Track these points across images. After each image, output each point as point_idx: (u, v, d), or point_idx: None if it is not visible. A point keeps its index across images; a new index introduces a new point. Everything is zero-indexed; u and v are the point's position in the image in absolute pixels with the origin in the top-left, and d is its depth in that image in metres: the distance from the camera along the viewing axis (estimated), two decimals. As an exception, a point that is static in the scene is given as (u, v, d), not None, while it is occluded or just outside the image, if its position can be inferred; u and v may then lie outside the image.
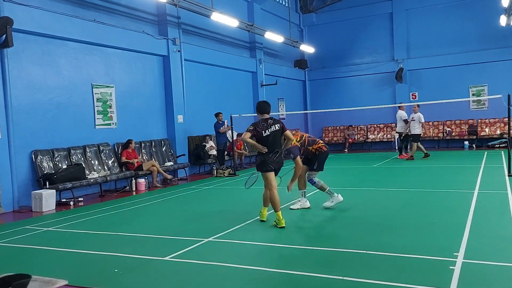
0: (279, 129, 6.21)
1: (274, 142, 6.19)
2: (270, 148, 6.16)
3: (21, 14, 8.92)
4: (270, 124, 6.17)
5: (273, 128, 6.16)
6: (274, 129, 6.16)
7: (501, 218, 5.96)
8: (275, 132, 6.17)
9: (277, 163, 6.26)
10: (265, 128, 6.14)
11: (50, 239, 6.24)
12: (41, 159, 9.40)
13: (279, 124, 6.25)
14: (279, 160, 6.27)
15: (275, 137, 6.18)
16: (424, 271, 4.05)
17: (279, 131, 6.23)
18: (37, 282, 2.76)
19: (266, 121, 6.20)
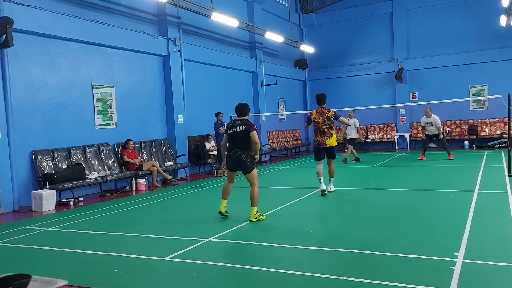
0: (243, 130, 6.54)
1: (234, 142, 6.57)
2: (231, 146, 6.62)
3: (21, 14, 8.92)
4: (237, 124, 6.60)
5: (237, 129, 6.56)
6: (237, 130, 6.56)
7: (501, 218, 5.96)
8: (237, 132, 6.55)
9: (233, 161, 6.61)
10: (231, 127, 6.66)
11: (50, 239, 6.24)
12: (41, 159, 9.40)
13: (245, 126, 6.57)
14: (237, 159, 6.56)
15: (235, 137, 6.56)
16: (424, 271, 4.05)
17: (242, 132, 6.54)
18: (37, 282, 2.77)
19: (234, 122, 6.70)
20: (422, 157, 13.95)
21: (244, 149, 6.54)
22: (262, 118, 17.60)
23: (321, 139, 8.54)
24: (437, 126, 13.60)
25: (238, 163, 6.59)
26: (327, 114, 8.59)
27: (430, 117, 13.68)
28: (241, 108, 6.80)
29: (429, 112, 13.72)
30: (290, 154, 19.61)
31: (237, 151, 6.52)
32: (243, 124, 6.59)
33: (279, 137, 19.43)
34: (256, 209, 6.55)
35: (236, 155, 6.53)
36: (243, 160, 6.53)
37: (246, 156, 6.54)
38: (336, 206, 7.52)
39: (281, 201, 8.04)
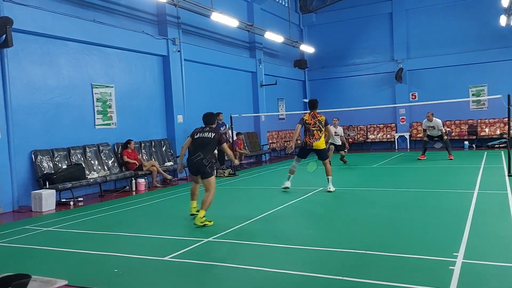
0: (211, 138, 6.76)
1: (199, 147, 6.73)
2: (194, 150, 6.77)
3: (21, 14, 8.92)
4: (206, 131, 6.85)
5: (205, 135, 6.80)
6: (205, 136, 6.79)
7: (501, 218, 5.96)
8: (205, 138, 6.77)
9: (194, 164, 6.71)
10: (198, 132, 6.89)
11: (50, 239, 6.23)
12: (41, 159, 9.40)
13: (215, 134, 6.81)
14: (198, 163, 6.64)
15: (202, 142, 6.75)
16: (424, 271, 4.05)
17: (209, 139, 6.75)
18: (37, 282, 2.77)
19: (203, 128, 6.92)
20: (422, 157, 13.94)
21: (207, 154, 6.66)
22: (262, 118, 17.60)
23: (309, 140, 9.03)
24: (440, 129, 13.64)
25: (199, 167, 6.66)
26: (319, 118, 9.09)
27: (432, 121, 13.72)
28: (208, 118, 7.05)
29: (431, 116, 13.76)
30: (290, 154, 19.59)
31: (200, 155, 6.63)
32: (212, 132, 6.83)
33: (279, 137, 19.43)
34: (204, 213, 6.43)
35: (198, 159, 6.62)
36: (204, 165, 6.62)
37: (208, 161, 6.64)
38: (336, 206, 7.52)
39: (281, 201, 8.04)
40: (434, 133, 13.83)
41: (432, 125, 13.75)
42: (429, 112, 13.93)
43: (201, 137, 6.79)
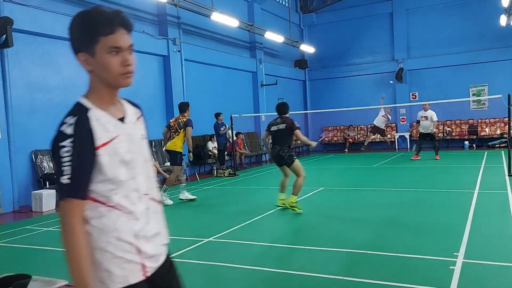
0: (283, 128, 7.00)
1: (275, 139, 7.11)
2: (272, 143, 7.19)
3: (21, 14, 8.92)
4: (278, 122, 7.11)
5: (279, 126, 7.06)
6: (279, 128, 7.06)
7: (501, 218, 5.96)
8: (278, 130, 7.06)
9: (274, 157, 7.17)
10: (273, 124, 7.19)
11: (50, 239, 6.23)
12: (41, 159, 9.40)
13: (287, 124, 7.03)
14: (276, 155, 7.07)
15: (277, 134, 7.08)
16: (424, 271, 4.05)
17: (282, 130, 7.01)
18: (37, 282, 2.77)
19: (276, 120, 7.21)
20: (415, 157, 13.96)
21: (282, 145, 6.97)
22: (262, 118, 17.59)
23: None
24: (434, 120, 13.68)
25: (279, 159, 7.06)
26: (179, 120, 8.80)
27: (427, 110, 13.82)
28: (280, 107, 7.29)
29: (427, 106, 13.94)
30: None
31: (276, 147, 7.00)
32: (283, 122, 7.06)
33: (279, 137, 19.39)
34: (295, 198, 6.88)
35: (276, 151, 7.01)
36: (281, 156, 6.97)
37: (283, 152, 6.94)
38: (336, 207, 7.52)
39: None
40: (427, 126, 13.79)
41: (426, 114, 13.82)
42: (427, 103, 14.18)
43: (276, 129, 7.10)
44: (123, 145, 1.60)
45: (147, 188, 1.69)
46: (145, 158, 1.71)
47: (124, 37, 1.65)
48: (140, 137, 1.71)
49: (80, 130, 1.51)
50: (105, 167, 1.54)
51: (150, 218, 1.67)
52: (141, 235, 1.62)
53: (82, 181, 1.50)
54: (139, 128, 1.75)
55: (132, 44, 1.69)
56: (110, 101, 1.69)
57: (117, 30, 1.62)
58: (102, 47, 1.59)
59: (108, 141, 1.56)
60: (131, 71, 1.67)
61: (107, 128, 1.59)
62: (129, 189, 1.61)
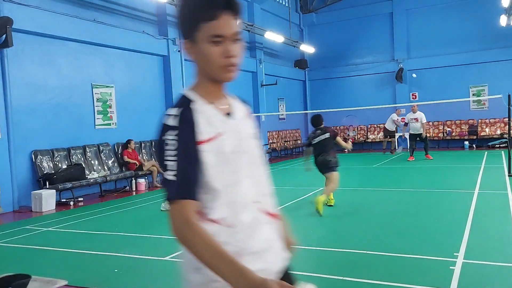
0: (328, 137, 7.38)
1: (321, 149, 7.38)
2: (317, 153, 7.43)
3: (21, 14, 8.92)
4: (318, 134, 7.45)
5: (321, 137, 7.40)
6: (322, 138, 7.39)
7: (501, 218, 5.96)
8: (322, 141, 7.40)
9: (321, 164, 7.37)
10: (313, 137, 7.52)
11: (50, 239, 6.24)
12: (41, 159, 9.40)
13: (329, 133, 7.42)
14: (324, 161, 7.30)
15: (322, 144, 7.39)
16: (424, 271, 4.05)
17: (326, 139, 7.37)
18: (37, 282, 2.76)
19: (315, 133, 7.54)
20: (410, 158, 13.98)
21: (329, 152, 7.33)
22: (262, 118, 17.59)
23: None
24: (423, 122, 13.79)
25: (327, 165, 7.29)
26: None
27: (416, 112, 13.93)
28: (315, 120, 7.65)
29: (416, 108, 14.10)
30: (290, 154, 19.62)
31: (323, 155, 7.31)
32: (325, 132, 7.43)
33: (279, 137, 19.43)
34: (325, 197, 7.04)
35: (324, 159, 7.29)
36: (329, 161, 7.27)
37: (331, 157, 7.28)
38: (335, 207, 7.51)
39: (281, 201, 8.03)
40: (417, 126, 13.85)
41: (415, 116, 13.94)
42: (415, 104, 14.33)
43: (319, 140, 7.39)
44: (229, 143, 1.40)
45: (256, 195, 1.45)
46: (253, 160, 1.48)
47: (228, 23, 1.38)
48: (249, 136, 1.51)
49: (183, 122, 1.35)
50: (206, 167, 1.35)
51: (258, 231, 1.42)
52: (245, 252, 1.37)
53: (190, 178, 1.32)
54: (248, 125, 1.54)
55: (238, 32, 1.42)
56: (216, 94, 1.48)
57: (220, 15, 1.36)
58: (203, 35, 1.37)
59: (212, 137, 1.38)
60: (233, 64, 1.42)
61: (213, 122, 1.40)
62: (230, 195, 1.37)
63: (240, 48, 1.42)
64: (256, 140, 1.54)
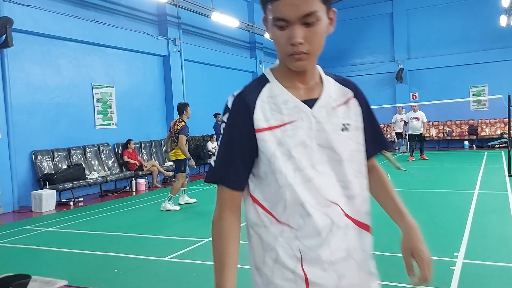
0: None
1: None
2: None
3: (21, 14, 8.92)
4: None
5: None
6: None
7: (501, 218, 5.96)
8: None
9: None
10: None
11: (50, 239, 6.23)
12: (41, 159, 9.40)
13: None
14: None
15: None
16: (424, 271, 4.04)
17: None
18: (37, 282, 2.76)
19: None
20: (410, 158, 14.03)
21: None
22: (262, 118, 17.60)
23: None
24: (424, 121, 13.83)
25: None
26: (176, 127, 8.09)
27: (417, 112, 13.97)
28: None
29: (416, 107, 14.15)
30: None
31: None
32: None
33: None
34: None
35: None
36: None
37: None
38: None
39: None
40: (417, 126, 13.87)
41: (416, 115, 13.96)
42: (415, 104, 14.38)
43: None
44: (299, 134, 1.22)
45: (336, 196, 1.25)
46: (336, 156, 1.25)
47: (293, 5, 1.13)
48: (335, 127, 1.26)
49: (238, 106, 1.25)
50: (264, 158, 1.22)
51: (332, 238, 1.23)
52: (311, 260, 1.22)
53: (229, 166, 1.23)
54: (339, 115, 1.28)
55: (309, 13, 1.15)
56: (296, 76, 1.27)
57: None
58: (269, 16, 1.20)
59: (276, 126, 1.22)
60: (298, 53, 1.18)
61: (281, 109, 1.23)
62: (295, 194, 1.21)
63: (313, 33, 1.18)
64: (349, 133, 1.29)
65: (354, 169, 1.29)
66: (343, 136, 1.27)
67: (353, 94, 1.35)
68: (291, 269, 1.21)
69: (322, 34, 1.22)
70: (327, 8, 1.20)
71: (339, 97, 1.32)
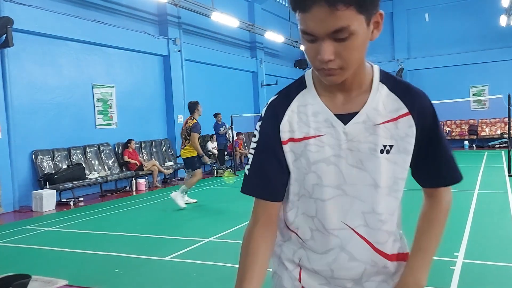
0: None
1: None
2: None
3: (21, 14, 8.92)
4: None
5: None
6: None
7: (501, 218, 5.96)
8: None
9: None
10: None
11: (50, 239, 6.24)
12: (41, 159, 9.41)
13: None
14: None
15: None
16: (424, 271, 4.04)
17: None
18: (37, 282, 2.77)
19: None
20: None
21: None
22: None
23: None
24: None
25: None
26: (188, 124, 8.16)
27: None
28: None
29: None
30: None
31: None
32: None
33: (280, 137, 19.43)
34: None
35: None
36: None
37: None
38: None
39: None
40: None
41: None
42: None
43: None
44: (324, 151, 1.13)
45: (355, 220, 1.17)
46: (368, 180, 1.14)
47: (321, 20, 0.98)
48: (374, 148, 1.12)
49: (268, 115, 1.19)
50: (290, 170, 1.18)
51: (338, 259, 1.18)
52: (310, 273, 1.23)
53: (261, 177, 1.18)
54: (380, 134, 1.12)
55: (340, 29, 0.98)
56: (339, 86, 1.13)
57: (312, 6, 0.98)
58: (299, 26, 1.07)
59: (298, 138, 1.15)
60: (327, 69, 1.04)
61: (308, 120, 1.15)
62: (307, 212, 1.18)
63: (346, 48, 1.01)
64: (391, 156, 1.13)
65: (392, 196, 1.18)
66: (381, 159, 1.12)
67: (408, 111, 1.13)
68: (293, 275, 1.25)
69: (358, 47, 1.04)
70: (367, 16, 1.01)
71: (388, 112, 1.13)
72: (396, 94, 1.14)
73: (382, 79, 1.18)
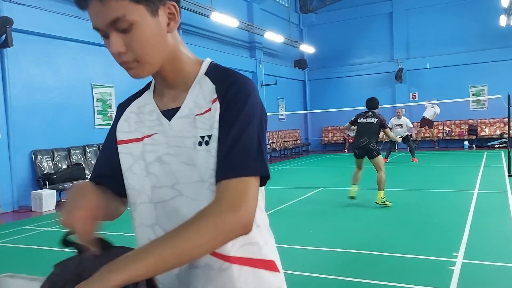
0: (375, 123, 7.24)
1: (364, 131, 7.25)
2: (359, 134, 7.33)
3: (20, 14, 8.91)
4: (369, 116, 7.34)
5: (368, 120, 7.30)
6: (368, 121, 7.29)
7: (501, 218, 5.96)
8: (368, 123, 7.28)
9: (360, 148, 7.30)
10: (362, 117, 7.42)
11: (50, 239, 6.23)
12: (41, 159, 9.40)
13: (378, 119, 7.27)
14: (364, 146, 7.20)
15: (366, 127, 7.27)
16: (424, 271, 4.05)
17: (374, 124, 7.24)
18: (36, 281, 2.76)
19: (366, 113, 7.44)
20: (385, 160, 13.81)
21: (372, 138, 7.17)
22: (262, 118, 17.59)
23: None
24: (409, 126, 13.80)
25: (367, 151, 7.20)
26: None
27: (401, 119, 13.83)
28: (370, 102, 7.48)
29: (400, 114, 14.00)
30: (289, 154, 19.61)
31: (366, 140, 7.15)
32: (374, 117, 7.28)
33: (279, 137, 19.43)
34: (383, 193, 7.10)
35: (365, 143, 7.15)
36: (371, 148, 7.15)
37: (373, 145, 7.15)
38: (335, 206, 7.51)
39: (281, 201, 8.04)
40: (401, 132, 13.66)
41: (400, 122, 13.83)
42: (399, 109, 14.16)
43: (365, 122, 7.28)
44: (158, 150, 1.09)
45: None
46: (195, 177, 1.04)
47: (97, 12, 1.01)
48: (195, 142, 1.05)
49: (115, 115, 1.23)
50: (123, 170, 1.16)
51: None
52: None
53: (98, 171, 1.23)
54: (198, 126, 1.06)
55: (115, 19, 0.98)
56: (161, 82, 1.14)
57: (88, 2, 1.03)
58: None
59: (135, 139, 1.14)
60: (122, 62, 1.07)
61: (144, 120, 1.15)
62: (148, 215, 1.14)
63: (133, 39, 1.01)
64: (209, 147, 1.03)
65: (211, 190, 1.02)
66: (203, 152, 1.03)
67: (216, 96, 1.06)
68: None
69: (149, 39, 1.01)
70: (149, 7, 0.99)
71: (207, 103, 1.07)
72: (215, 84, 1.09)
73: (208, 72, 1.14)
